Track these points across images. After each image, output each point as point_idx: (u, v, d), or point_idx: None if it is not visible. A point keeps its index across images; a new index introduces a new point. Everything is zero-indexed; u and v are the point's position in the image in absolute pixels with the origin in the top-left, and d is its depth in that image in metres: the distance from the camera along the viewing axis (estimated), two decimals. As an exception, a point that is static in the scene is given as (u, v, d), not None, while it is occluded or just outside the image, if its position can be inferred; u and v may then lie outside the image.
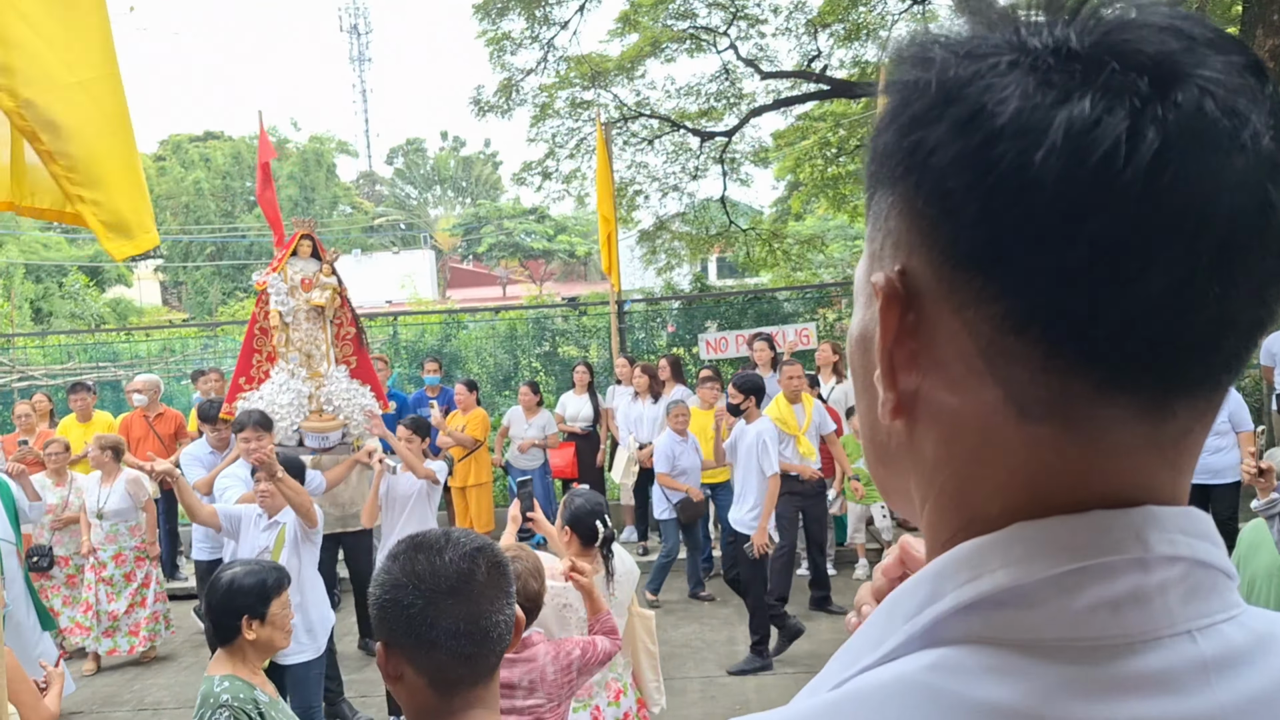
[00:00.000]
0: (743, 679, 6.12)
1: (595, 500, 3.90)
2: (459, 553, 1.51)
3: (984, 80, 0.50)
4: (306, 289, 6.65)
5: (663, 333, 11.72)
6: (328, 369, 6.66)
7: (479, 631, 1.48)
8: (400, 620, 1.46)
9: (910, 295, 0.54)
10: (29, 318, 25.97)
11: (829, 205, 17.97)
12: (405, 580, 1.48)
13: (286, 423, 6.32)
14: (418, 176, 53.70)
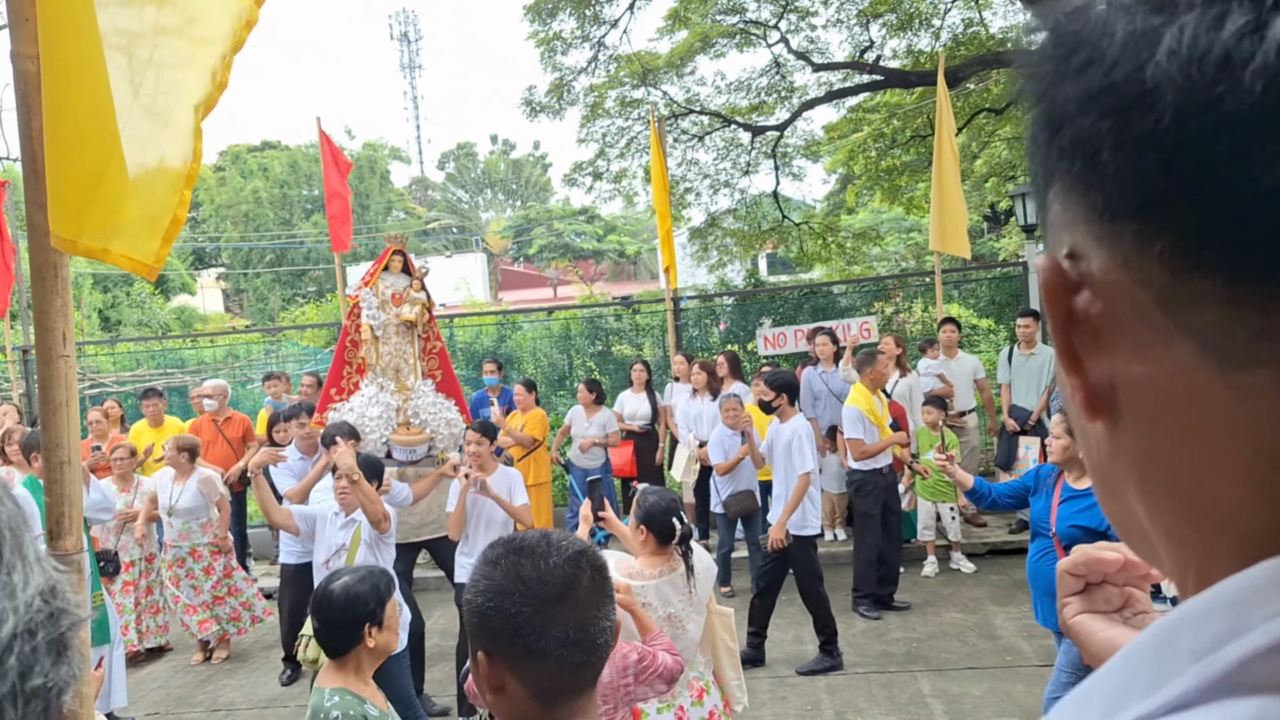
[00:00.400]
0: (813, 679, 6.07)
1: (669, 497, 3.83)
2: (563, 557, 1.45)
3: (1089, 20, 0.48)
4: (397, 304, 6.75)
5: (716, 330, 11.68)
6: (415, 383, 6.76)
7: (587, 639, 1.42)
8: (506, 629, 1.40)
9: (1079, 275, 0.50)
10: (98, 326, 26.68)
11: (884, 197, 17.80)
12: (510, 587, 1.41)
13: (375, 435, 6.43)
14: (469, 180, 54.20)
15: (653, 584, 3.68)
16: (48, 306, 1.56)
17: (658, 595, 3.65)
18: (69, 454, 1.59)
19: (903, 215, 23.56)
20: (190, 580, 7.15)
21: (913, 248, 26.75)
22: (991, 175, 18.11)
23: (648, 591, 3.65)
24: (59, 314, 1.56)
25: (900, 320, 12.09)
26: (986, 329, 12.51)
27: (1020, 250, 20.14)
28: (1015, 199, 10.62)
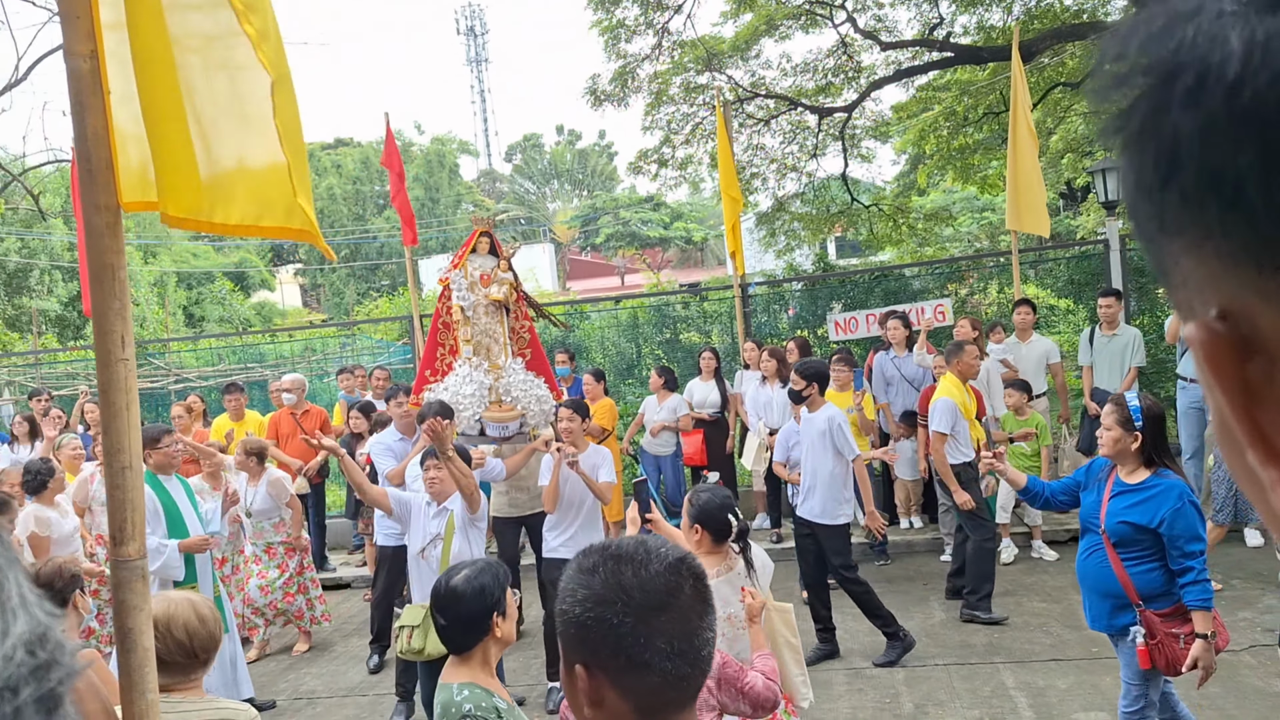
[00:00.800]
0: (891, 670, 5.95)
1: (723, 494, 3.71)
2: (664, 564, 1.38)
3: (1185, 37, 0.41)
4: (485, 284, 6.80)
5: (785, 315, 11.53)
6: (505, 361, 6.83)
7: (691, 650, 1.35)
8: (608, 640, 1.32)
9: (1243, 339, 0.42)
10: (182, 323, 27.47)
11: (956, 177, 17.39)
12: (612, 596, 1.34)
13: (469, 412, 6.53)
14: (535, 172, 54.52)
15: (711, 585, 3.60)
16: (105, 309, 1.55)
17: (717, 596, 3.56)
18: (130, 459, 1.58)
19: (976, 194, 23.01)
20: (260, 580, 7.23)
21: (986, 227, 26.14)
22: (1068, 151, 17.56)
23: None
24: (117, 316, 1.55)
25: (975, 302, 11.80)
26: (1065, 309, 12.15)
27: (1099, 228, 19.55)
28: (1094, 175, 10.26)
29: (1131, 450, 3.89)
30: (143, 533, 1.59)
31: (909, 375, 8.46)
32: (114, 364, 1.56)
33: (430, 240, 42.63)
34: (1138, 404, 3.91)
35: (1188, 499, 3.79)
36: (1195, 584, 3.75)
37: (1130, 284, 9.69)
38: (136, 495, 1.59)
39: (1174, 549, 3.78)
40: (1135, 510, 3.87)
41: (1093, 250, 11.07)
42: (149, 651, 1.61)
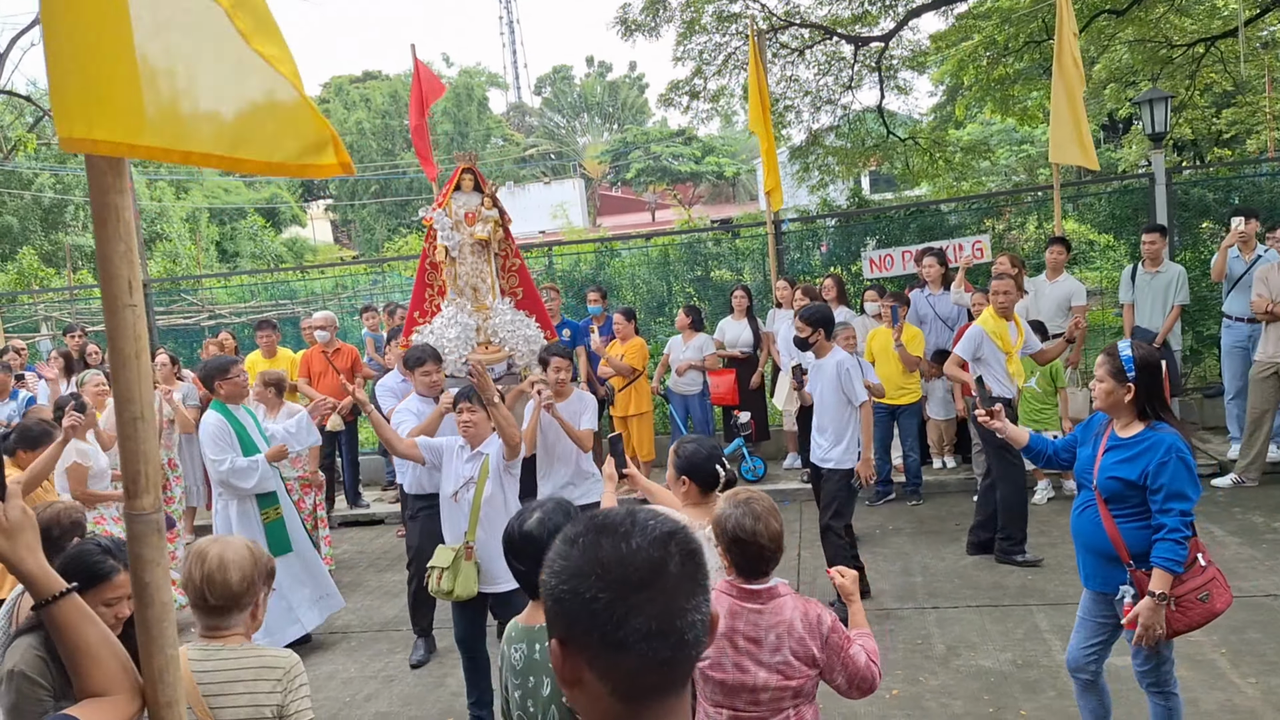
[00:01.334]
0: (922, 612, 5.92)
1: (710, 445, 3.64)
2: (649, 538, 1.27)
3: None
4: (470, 223, 6.67)
5: (818, 252, 11.34)
6: (494, 301, 6.71)
7: (674, 632, 1.24)
8: (582, 616, 1.23)
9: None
10: (215, 258, 27.61)
11: (994, 109, 16.93)
12: (588, 569, 1.25)
13: (454, 355, 6.43)
14: (565, 105, 53.88)
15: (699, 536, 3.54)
16: (110, 252, 1.48)
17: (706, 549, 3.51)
18: (142, 409, 1.52)
19: (1014, 127, 22.44)
20: None
21: (1024, 160, 25.56)
22: (1111, 81, 17.02)
23: None
24: (123, 260, 1.48)
25: (1013, 238, 11.53)
26: (1105, 245, 11.85)
27: (1141, 161, 19.01)
28: (1140, 105, 9.91)
29: (1125, 403, 3.70)
30: (157, 485, 1.54)
31: (943, 314, 8.30)
32: (121, 310, 1.50)
33: (460, 175, 42.44)
34: (1130, 354, 3.69)
35: (1176, 453, 3.60)
36: (1165, 541, 3.57)
37: (1175, 219, 9.42)
38: (149, 446, 1.53)
39: (1153, 502, 3.62)
40: (1125, 465, 3.70)
41: (1136, 184, 10.75)
42: (167, 606, 1.57)
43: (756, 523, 2.85)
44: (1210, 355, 9.63)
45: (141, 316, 1.52)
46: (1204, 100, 16.70)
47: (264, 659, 2.50)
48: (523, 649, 2.63)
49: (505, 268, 6.90)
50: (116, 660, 1.63)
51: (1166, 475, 3.58)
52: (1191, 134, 17.57)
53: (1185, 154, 19.17)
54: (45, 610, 1.64)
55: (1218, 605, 3.65)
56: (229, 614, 2.50)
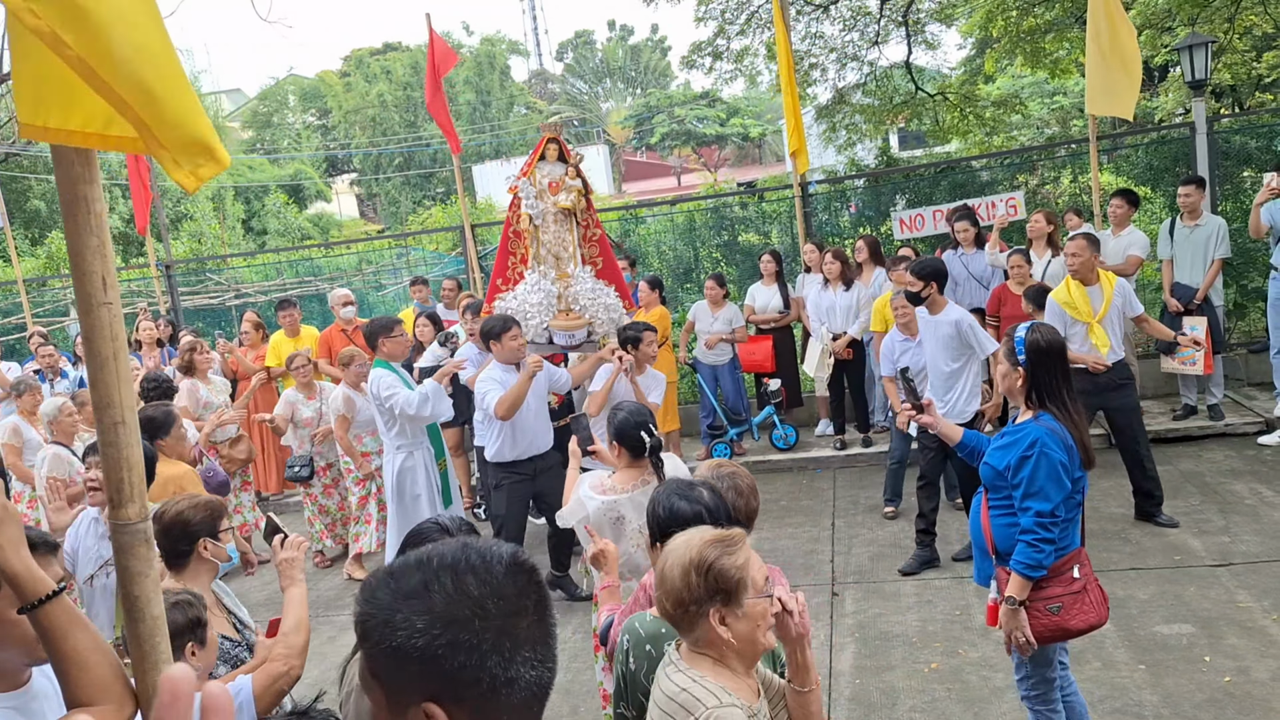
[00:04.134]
0: (961, 582, 5.78)
1: (638, 411, 3.89)
2: (504, 565, 1.19)
3: None
4: (554, 192, 6.64)
5: (847, 213, 11.11)
6: (575, 270, 6.71)
7: (550, 653, 1.19)
8: (469, 665, 1.11)
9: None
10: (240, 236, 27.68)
11: (1025, 62, 16.48)
12: (463, 613, 1.13)
13: (536, 320, 6.48)
14: (587, 70, 53.40)
15: (626, 497, 3.75)
16: (82, 247, 1.37)
17: (633, 507, 3.71)
18: (123, 413, 1.42)
19: (1046, 79, 21.88)
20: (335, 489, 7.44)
21: (1057, 113, 24.96)
22: (1146, 27, 16.50)
23: (622, 505, 3.75)
24: (96, 255, 1.38)
25: (1047, 193, 11.23)
26: (1143, 197, 11.52)
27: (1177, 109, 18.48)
28: (1179, 52, 9.56)
29: (1018, 387, 3.51)
30: (142, 494, 1.45)
31: (977, 274, 8.09)
32: (96, 309, 1.40)
33: (483, 146, 42.24)
34: (1022, 336, 3.50)
35: (1040, 448, 3.36)
36: (1019, 541, 3.37)
37: (1215, 169, 9.11)
38: (134, 453, 1.44)
39: (1014, 499, 3.42)
40: (998, 453, 3.50)
41: (1174, 134, 10.42)
42: (158, 620, 1.48)
43: (738, 498, 2.92)
44: (1255, 309, 9.34)
45: (118, 316, 1.42)
46: (1243, 44, 16.16)
47: None
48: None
49: (586, 237, 6.88)
50: (108, 667, 1.53)
51: (1026, 470, 3.39)
52: (1231, 80, 17.02)
53: (1224, 101, 18.60)
54: (32, 614, 1.55)
55: (1072, 622, 3.39)
56: None
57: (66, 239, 1.39)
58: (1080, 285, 6.17)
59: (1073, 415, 3.48)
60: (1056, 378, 3.49)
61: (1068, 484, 3.39)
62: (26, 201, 23.22)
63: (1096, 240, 6.29)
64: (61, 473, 6.08)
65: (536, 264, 6.69)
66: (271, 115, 43.47)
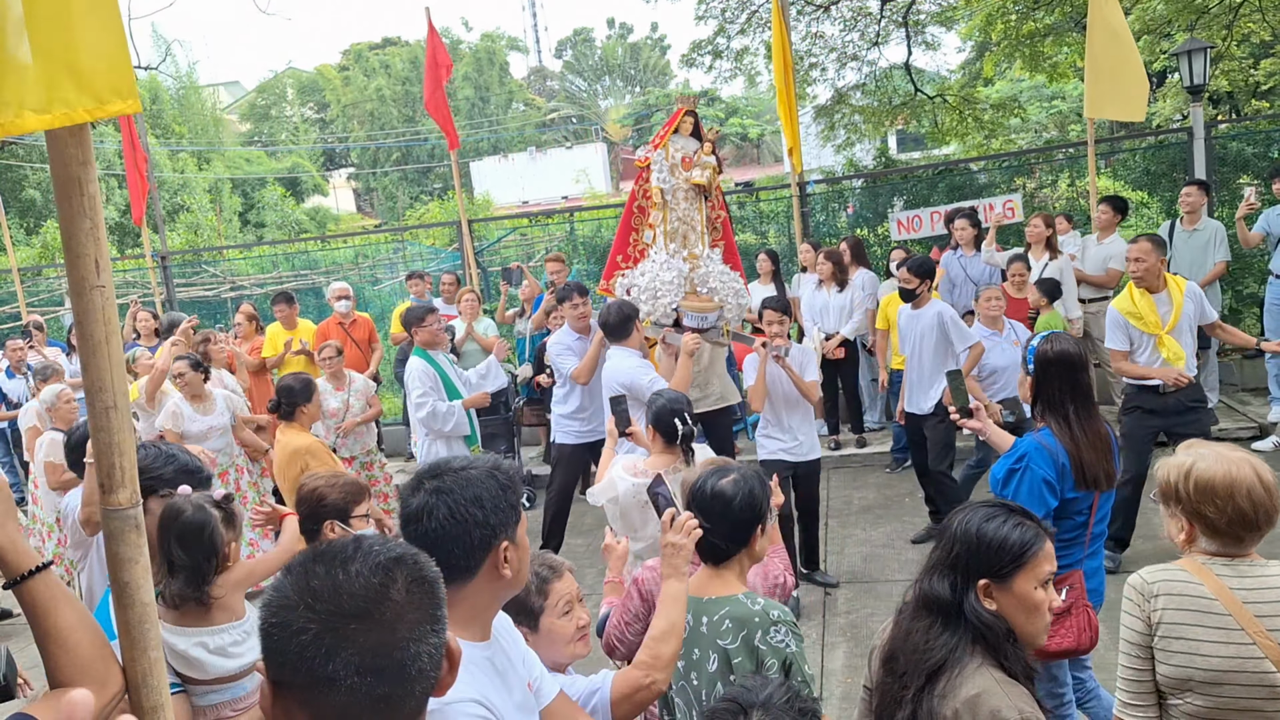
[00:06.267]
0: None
1: (675, 399, 3.92)
2: (370, 564, 1.18)
3: None
4: (686, 168, 6.32)
5: (844, 214, 11.11)
6: (703, 251, 6.40)
7: (392, 666, 1.14)
8: (289, 651, 1.12)
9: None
10: (237, 229, 27.64)
11: (1024, 65, 16.50)
12: (296, 599, 1.14)
13: (667, 300, 6.16)
14: (586, 68, 53.38)
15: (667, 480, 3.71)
16: (75, 230, 1.36)
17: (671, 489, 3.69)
18: (114, 398, 1.41)
19: (1044, 83, 21.91)
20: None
21: (1055, 117, 25.01)
22: (1145, 32, 16.53)
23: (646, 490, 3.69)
24: (89, 237, 1.37)
25: (1044, 197, 11.25)
26: (1139, 202, 11.54)
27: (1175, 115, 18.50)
28: (1177, 57, 9.58)
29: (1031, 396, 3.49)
30: (133, 479, 1.44)
31: (975, 276, 8.09)
32: (88, 292, 1.39)
33: (481, 142, 42.20)
34: (1034, 344, 3.47)
35: (1027, 463, 3.29)
36: None
37: (1213, 174, 9.12)
38: (125, 439, 1.43)
39: None
40: (1000, 462, 3.46)
41: (1172, 138, 10.43)
42: (148, 607, 1.47)
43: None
44: (1250, 314, 9.36)
45: (111, 300, 1.41)
46: (1241, 51, 16.19)
47: None
48: (689, 620, 2.50)
49: (711, 219, 6.59)
50: (92, 647, 1.50)
51: (1012, 484, 3.36)
52: (1228, 86, 17.06)
53: (1221, 107, 18.64)
54: (17, 589, 1.52)
55: (1050, 643, 3.27)
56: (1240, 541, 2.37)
57: (60, 221, 1.38)
58: (1146, 293, 5.56)
59: (1074, 432, 3.37)
60: (1063, 391, 3.41)
61: (1052, 501, 3.31)
62: (21, 190, 23.15)
63: (1163, 243, 5.76)
64: (59, 458, 6.08)
65: (666, 240, 6.32)
66: (270, 108, 43.40)
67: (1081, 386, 3.44)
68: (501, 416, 8.28)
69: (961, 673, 1.98)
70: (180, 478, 2.78)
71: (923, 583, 2.14)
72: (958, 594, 2.05)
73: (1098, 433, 3.42)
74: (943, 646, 2.03)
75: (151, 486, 2.59)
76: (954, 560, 2.08)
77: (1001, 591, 2.04)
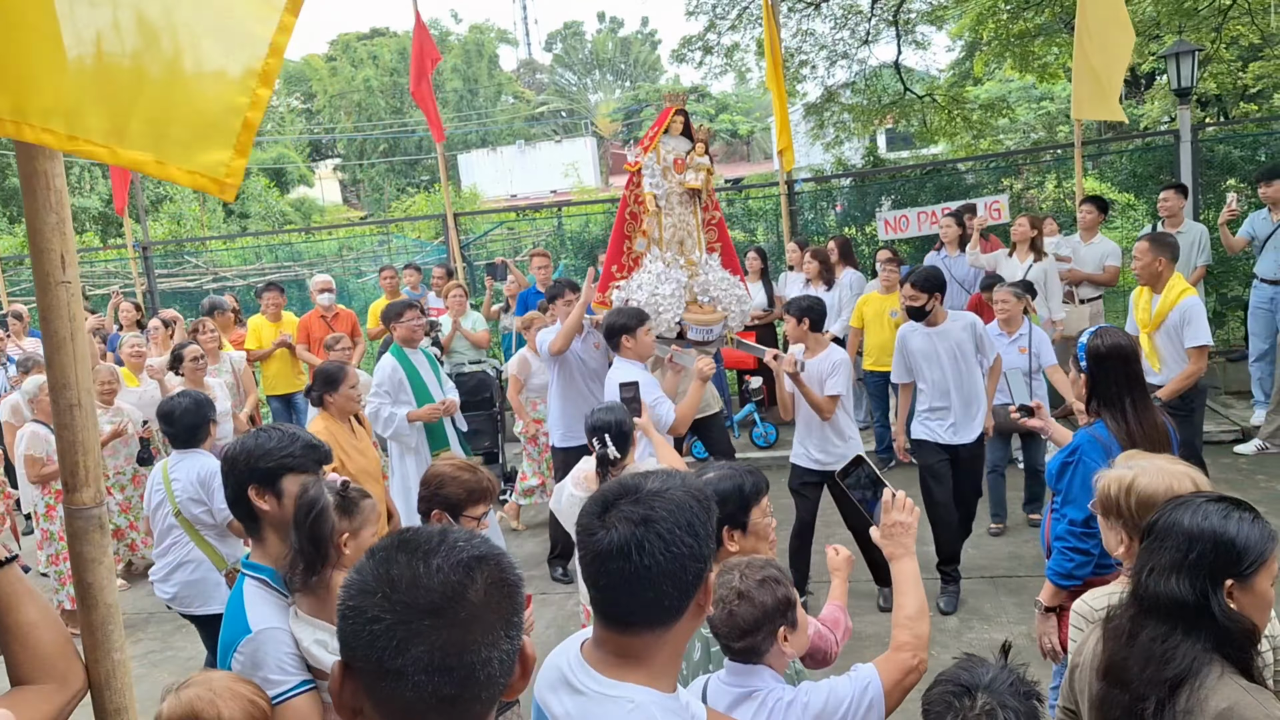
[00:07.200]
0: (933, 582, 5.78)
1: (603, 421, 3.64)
2: (452, 560, 1.15)
3: None
4: (679, 170, 6.04)
5: (832, 213, 11.11)
6: (700, 257, 6.11)
7: (462, 668, 1.11)
8: (361, 637, 1.11)
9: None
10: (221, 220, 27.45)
11: (1014, 65, 16.54)
12: (374, 586, 1.13)
13: (670, 314, 5.85)
14: (576, 61, 53.26)
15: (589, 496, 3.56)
16: (41, 224, 1.33)
17: None
18: (79, 395, 1.38)
19: (1034, 84, 21.96)
20: None
21: (1044, 118, 25.07)
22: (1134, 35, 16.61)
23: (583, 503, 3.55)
24: (54, 232, 1.34)
25: (1031, 198, 11.27)
26: (1125, 204, 11.57)
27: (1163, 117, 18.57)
28: (1165, 59, 9.60)
29: (1081, 393, 3.44)
30: (97, 478, 1.40)
31: (959, 276, 8.10)
32: (54, 287, 1.36)
33: (470, 134, 42.05)
34: (1084, 340, 3.42)
35: (1081, 455, 3.26)
36: (1054, 548, 3.29)
37: (1199, 177, 9.15)
38: (89, 437, 1.40)
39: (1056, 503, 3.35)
40: (1056, 457, 3.43)
41: (1158, 141, 10.47)
42: (112, 608, 1.44)
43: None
44: (1234, 317, 9.41)
45: (77, 296, 1.38)
46: (1230, 54, 16.26)
47: None
48: None
49: (707, 222, 6.30)
50: (54, 645, 1.46)
51: (1066, 477, 3.33)
52: (1216, 89, 17.14)
53: (1209, 110, 18.72)
54: None
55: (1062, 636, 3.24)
56: None
57: (25, 216, 1.35)
58: (1146, 290, 5.71)
59: (1130, 425, 3.32)
60: (1118, 384, 3.35)
61: None
62: (5, 179, 22.95)
63: (1166, 244, 5.64)
64: (40, 451, 6.04)
65: (663, 248, 6.01)
66: (256, 98, 43.08)
67: (1137, 378, 3.38)
68: (486, 413, 8.24)
69: (1204, 684, 1.86)
70: (308, 453, 2.58)
71: (1152, 586, 1.97)
72: (1202, 597, 1.91)
73: (1154, 424, 3.36)
74: (1184, 655, 1.89)
75: (285, 467, 2.47)
76: (1195, 561, 1.93)
77: (1242, 591, 1.93)
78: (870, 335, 7.74)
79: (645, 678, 1.59)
